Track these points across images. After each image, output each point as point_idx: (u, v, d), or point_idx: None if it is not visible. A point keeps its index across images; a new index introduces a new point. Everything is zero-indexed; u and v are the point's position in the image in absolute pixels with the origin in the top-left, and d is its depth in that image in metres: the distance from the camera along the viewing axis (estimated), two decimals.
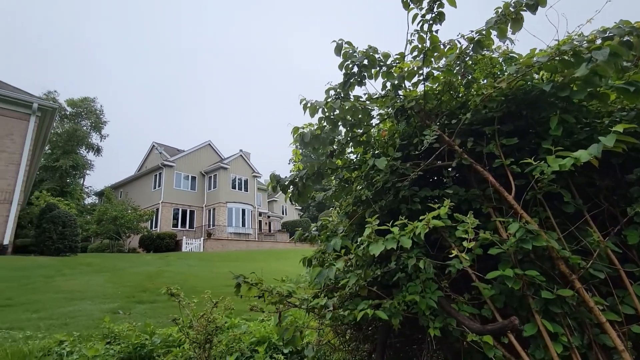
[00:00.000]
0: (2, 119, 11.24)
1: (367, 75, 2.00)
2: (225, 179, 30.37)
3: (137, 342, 2.87)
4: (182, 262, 13.06)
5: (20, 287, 5.25)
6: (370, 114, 1.96)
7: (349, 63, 1.96)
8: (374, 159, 1.79)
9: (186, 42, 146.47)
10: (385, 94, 2.02)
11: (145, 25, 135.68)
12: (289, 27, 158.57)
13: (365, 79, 2.00)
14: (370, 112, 1.96)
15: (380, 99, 2.01)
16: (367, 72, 2.00)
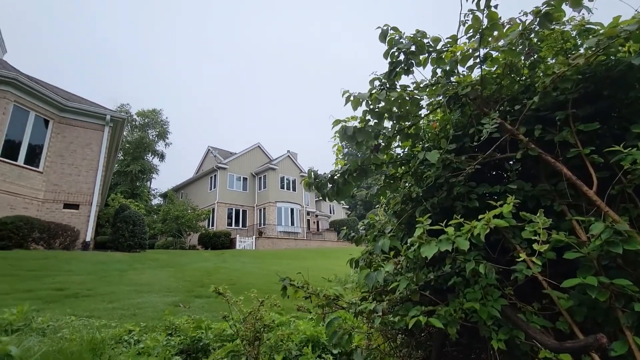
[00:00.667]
0: (83, 130, 12.80)
1: (414, 63, 1.85)
2: (274, 179, 31.36)
3: (194, 335, 3.02)
4: (236, 259, 13.71)
5: (99, 279, 5.90)
6: (419, 104, 1.81)
7: (394, 50, 1.83)
8: (425, 152, 1.65)
9: (226, 46, 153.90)
10: (435, 82, 1.85)
11: (185, 30, 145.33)
12: (325, 20, 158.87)
13: (412, 67, 1.86)
14: (419, 102, 1.82)
15: (430, 87, 1.85)
16: (415, 59, 1.85)
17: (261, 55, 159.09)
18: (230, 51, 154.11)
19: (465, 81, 1.77)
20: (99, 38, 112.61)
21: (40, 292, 4.52)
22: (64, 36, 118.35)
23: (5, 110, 10.55)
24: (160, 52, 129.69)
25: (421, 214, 1.81)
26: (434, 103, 1.94)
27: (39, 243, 9.48)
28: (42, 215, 10.94)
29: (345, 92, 1.99)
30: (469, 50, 1.81)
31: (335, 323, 2.15)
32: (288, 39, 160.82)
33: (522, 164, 1.77)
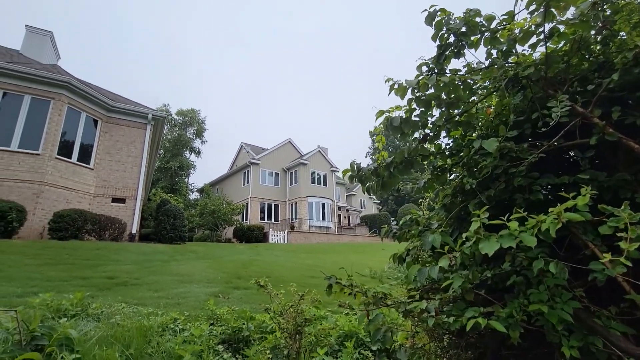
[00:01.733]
0: (128, 129, 13.59)
1: (466, 45, 1.71)
2: (305, 174, 31.58)
3: (235, 325, 3.07)
4: (270, 252, 13.99)
5: (144, 269, 6.24)
6: (472, 88, 1.66)
7: (443, 32, 1.70)
8: (481, 140, 1.51)
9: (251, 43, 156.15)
10: (490, 64, 1.69)
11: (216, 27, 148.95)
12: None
13: (463, 49, 1.71)
14: (472, 86, 1.67)
15: (484, 70, 1.70)
16: (466, 40, 1.71)
17: (290, 49, 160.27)
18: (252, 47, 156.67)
19: (526, 61, 1.60)
20: (129, 37, 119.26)
21: (94, 280, 4.85)
22: (99, 37, 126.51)
23: (60, 112, 11.43)
24: (193, 51, 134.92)
25: (476, 207, 1.68)
26: (489, 87, 1.78)
27: (91, 234, 10.23)
28: (93, 209, 11.80)
29: (388, 79, 1.88)
30: (530, 27, 1.63)
31: (378, 320, 2.08)
32: (313, 32, 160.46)
33: (594, 152, 1.58)
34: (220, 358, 2.67)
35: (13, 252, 6.05)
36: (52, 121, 11.20)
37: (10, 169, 10.28)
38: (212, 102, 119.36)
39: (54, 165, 11.01)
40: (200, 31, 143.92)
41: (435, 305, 1.58)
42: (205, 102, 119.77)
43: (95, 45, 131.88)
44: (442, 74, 1.69)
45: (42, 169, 10.69)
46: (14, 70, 10.91)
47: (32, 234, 9.83)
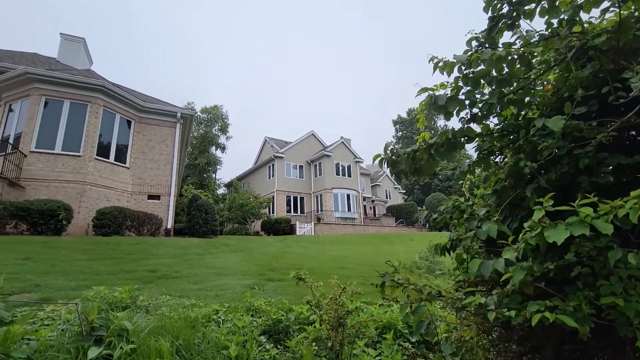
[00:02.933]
0: (158, 128, 14.09)
1: (521, 15, 1.57)
2: (329, 166, 31.54)
3: (275, 317, 3.11)
4: (298, 244, 14.15)
5: (183, 262, 6.49)
6: (530, 63, 1.53)
7: (496, 2, 1.57)
8: (543, 119, 1.38)
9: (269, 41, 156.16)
10: (550, 34, 1.54)
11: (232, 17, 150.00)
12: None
13: (519, 19, 1.58)
14: (530, 61, 1.53)
15: (543, 42, 1.55)
16: (521, 9, 1.56)
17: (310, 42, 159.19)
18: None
19: (594, 29, 1.44)
20: (148, 37, 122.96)
21: (138, 273, 5.09)
22: (117, 39, 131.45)
23: (97, 115, 12.02)
24: (208, 44, 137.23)
25: (533, 193, 1.56)
26: (550, 60, 1.63)
27: (131, 230, 10.78)
28: (131, 206, 12.40)
29: (432, 57, 1.77)
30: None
31: (422, 312, 2.01)
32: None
33: None
34: (263, 349, 2.72)
35: (64, 248, 6.48)
36: (90, 124, 11.81)
37: (56, 170, 10.98)
38: (232, 97, 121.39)
39: (94, 166, 11.64)
40: (216, 22, 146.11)
41: (494, 299, 1.49)
42: (225, 98, 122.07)
43: (114, 47, 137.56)
44: (494, 48, 1.56)
45: (84, 170, 11.33)
46: (54, 77, 11.56)
47: (79, 230, 10.50)
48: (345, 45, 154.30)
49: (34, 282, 3.88)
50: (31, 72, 11.27)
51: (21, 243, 6.56)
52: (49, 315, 2.73)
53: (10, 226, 8.58)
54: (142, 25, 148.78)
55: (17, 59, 15.01)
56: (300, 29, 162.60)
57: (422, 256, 9.41)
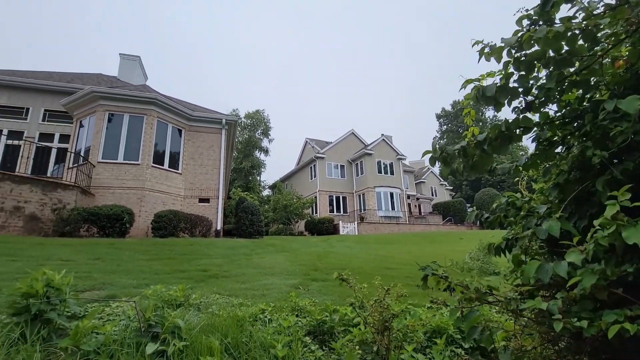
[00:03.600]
0: (206, 135, 14.92)
1: None
2: (370, 165, 31.10)
3: (319, 318, 3.10)
4: (342, 244, 14.10)
5: (231, 262, 6.78)
6: (595, 37, 1.34)
7: None
8: (615, 100, 1.20)
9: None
10: (618, 3, 1.34)
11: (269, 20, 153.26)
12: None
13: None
14: (595, 35, 1.34)
15: (610, 13, 1.35)
16: None
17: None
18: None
19: None
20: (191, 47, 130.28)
21: (191, 273, 5.41)
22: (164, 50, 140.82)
23: (152, 125, 13.04)
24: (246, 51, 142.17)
25: (605, 186, 1.36)
26: (619, 32, 1.41)
27: (184, 232, 11.52)
28: (184, 209, 13.27)
29: (476, 42, 1.63)
30: None
31: (475, 316, 1.87)
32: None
33: None
34: (308, 350, 2.72)
35: (127, 249, 7.11)
36: (146, 134, 12.85)
37: (119, 178, 12.10)
38: (273, 101, 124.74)
39: (151, 173, 12.64)
40: (255, 29, 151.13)
41: (557, 304, 1.32)
42: (267, 102, 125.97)
43: (165, 61, 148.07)
44: (550, 24, 1.39)
45: (143, 177, 12.35)
46: (115, 94, 12.76)
47: (140, 232, 11.46)
48: (376, 40, 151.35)
49: (102, 280, 4.29)
50: (96, 91, 12.54)
51: (92, 245, 7.32)
52: (114, 311, 2.99)
53: (84, 229, 9.61)
54: (190, 40, 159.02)
55: (85, 80, 16.81)
56: (326, 27, 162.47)
57: (473, 256, 8.85)
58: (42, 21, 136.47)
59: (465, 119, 2.10)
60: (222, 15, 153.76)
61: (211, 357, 2.07)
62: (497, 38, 1.59)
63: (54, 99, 14.75)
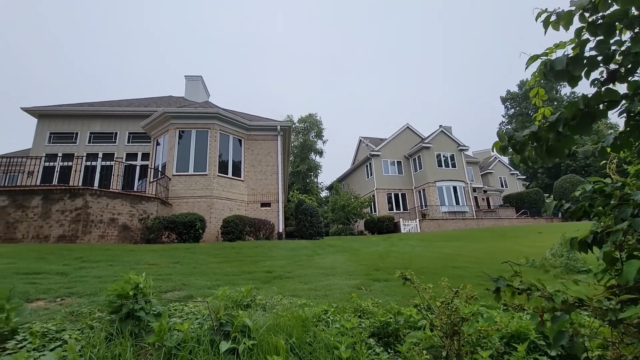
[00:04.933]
0: (263, 142, 15.69)
1: None
2: (429, 159, 29.67)
3: (383, 319, 3.03)
4: (404, 242, 13.65)
5: (294, 263, 7.00)
6: None
7: None
8: None
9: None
10: None
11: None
12: None
13: None
14: None
15: None
16: None
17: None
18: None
19: None
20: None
21: (257, 274, 5.70)
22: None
23: (216, 138, 14.13)
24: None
25: None
26: None
27: (249, 235, 12.23)
28: (248, 214, 14.09)
29: (541, 11, 1.44)
30: None
31: (561, 321, 1.64)
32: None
33: None
34: (373, 352, 2.67)
35: (201, 253, 7.77)
36: (211, 146, 13.95)
37: (191, 188, 13.31)
38: (325, 102, 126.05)
39: (217, 182, 13.68)
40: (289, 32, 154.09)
41: None
42: (319, 104, 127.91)
43: (225, 76, 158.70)
44: None
45: (211, 186, 13.42)
46: (183, 112, 14.10)
47: (211, 237, 12.46)
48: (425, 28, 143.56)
49: (181, 282, 4.74)
50: (167, 111, 14.00)
51: (172, 249, 8.15)
52: (191, 310, 3.28)
53: (165, 236, 10.77)
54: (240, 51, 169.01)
55: (158, 103, 18.86)
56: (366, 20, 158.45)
57: (555, 252, 7.86)
58: (119, 52, 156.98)
59: (533, 100, 1.87)
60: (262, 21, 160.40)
61: (277, 357, 2.14)
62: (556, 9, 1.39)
63: (135, 122, 16.83)
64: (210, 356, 2.17)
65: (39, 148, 16.43)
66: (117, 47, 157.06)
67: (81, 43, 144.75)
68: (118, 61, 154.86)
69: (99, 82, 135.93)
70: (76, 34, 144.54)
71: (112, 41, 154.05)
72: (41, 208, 9.51)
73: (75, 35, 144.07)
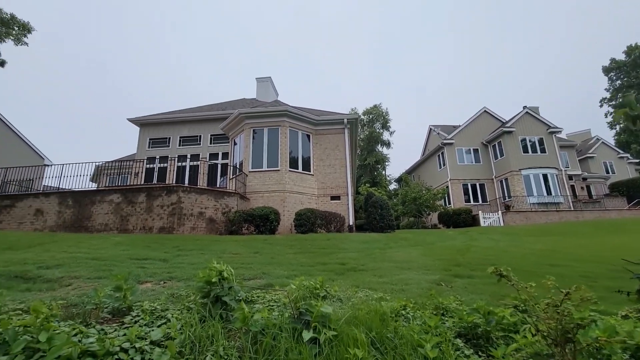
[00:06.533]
0: (331, 136, 15.82)
1: None
2: (512, 144, 26.60)
3: (470, 319, 2.77)
4: (485, 236, 12.51)
5: (366, 256, 6.91)
6: None
7: None
8: None
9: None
10: None
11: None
12: None
13: None
14: None
15: None
16: None
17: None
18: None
19: None
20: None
21: (330, 266, 5.76)
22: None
23: (285, 135, 14.71)
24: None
25: None
26: None
27: (321, 228, 12.49)
28: (319, 207, 14.40)
29: None
30: None
31: None
32: None
33: None
34: (461, 353, 2.45)
35: (277, 244, 8.18)
36: (282, 143, 14.57)
37: (265, 183, 14.11)
38: (389, 91, 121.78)
39: (289, 177, 14.26)
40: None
41: None
42: (382, 93, 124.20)
43: (291, 74, 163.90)
44: None
45: (283, 181, 14.05)
46: (255, 112, 14.98)
47: (285, 230, 13.06)
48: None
49: (261, 270, 5.03)
50: (242, 112, 15.02)
51: (251, 240, 8.74)
52: (272, 298, 3.43)
53: (245, 228, 11.62)
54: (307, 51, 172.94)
55: (234, 105, 20.38)
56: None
57: None
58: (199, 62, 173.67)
59: None
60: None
61: (359, 350, 2.09)
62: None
63: (215, 125, 18.46)
64: (292, 344, 2.22)
65: (142, 152, 19.13)
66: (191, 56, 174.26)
67: (164, 57, 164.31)
68: (188, 69, 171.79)
69: (186, 92, 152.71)
70: (158, 49, 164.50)
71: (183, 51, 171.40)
72: (145, 203, 11.07)
73: (158, 49, 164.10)
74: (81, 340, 2.02)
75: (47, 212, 11.30)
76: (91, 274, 4.33)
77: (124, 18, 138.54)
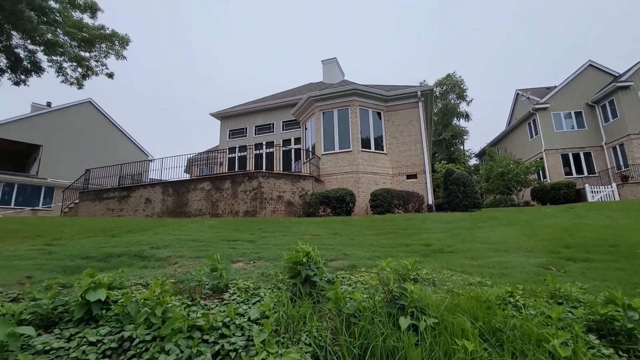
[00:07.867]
0: (403, 112, 14.97)
1: None
2: (629, 102, 21.79)
3: (604, 311, 2.28)
4: (597, 213, 10.57)
5: (452, 237, 6.39)
6: None
7: None
8: None
9: None
10: None
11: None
12: None
13: None
14: None
15: None
16: None
17: None
18: None
19: None
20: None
21: (414, 247, 5.46)
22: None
23: (355, 114, 14.39)
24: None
25: None
26: None
27: (398, 208, 12.06)
28: (395, 186, 13.89)
29: None
30: None
31: None
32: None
33: None
34: (597, 352, 2.02)
35: (355, 225, 8.12)
36: (352, 122, 14.31)
37: (338, 165, 14.11)
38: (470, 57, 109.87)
39: (361, 157, 14.00)
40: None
41: None
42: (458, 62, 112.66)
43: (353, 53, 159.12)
44: None
45: (356, 162, 13.87)
46: (324, 94, 14.92)
47: (360, 211, 12.96)
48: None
49: (343, 251, 5.00)
50: (311, 96, 15.10)
51: (329, 222, 8.84)
52: (358, 280, 3.34)
53: (321, 210, 11.86)
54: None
55: (302, 91, 20.66)
56: None
57: None
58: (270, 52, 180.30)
59: None
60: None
61: (468, 342, 1.85)
62: None
63: (286, 111, 19.01)
64: (388, 329, 2.09)
65: (224, 143, 20.83)
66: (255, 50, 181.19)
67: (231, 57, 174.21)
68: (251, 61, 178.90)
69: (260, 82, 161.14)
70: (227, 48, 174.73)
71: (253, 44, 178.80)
72: (231, 189, 12.05)
73: (226, 49, 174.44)
74: (189, 314, 2.20)
75: (154, 200, 13.14)
76: (192, 253, 4.82)
77: (213, 12, 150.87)
